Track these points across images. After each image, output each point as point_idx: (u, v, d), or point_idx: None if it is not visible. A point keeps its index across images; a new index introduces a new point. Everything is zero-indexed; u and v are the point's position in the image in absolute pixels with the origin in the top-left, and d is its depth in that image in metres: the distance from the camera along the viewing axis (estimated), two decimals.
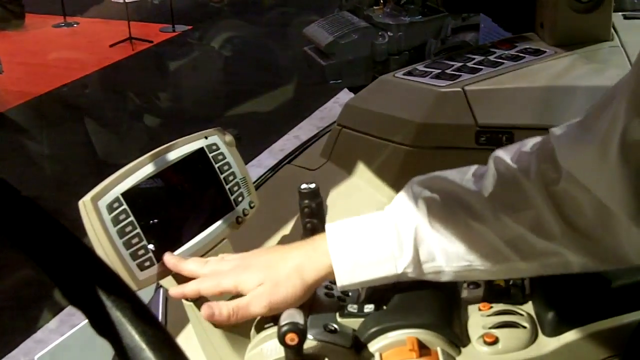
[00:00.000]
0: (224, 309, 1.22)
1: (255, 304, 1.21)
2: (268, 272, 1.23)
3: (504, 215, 1.17)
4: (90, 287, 0.66)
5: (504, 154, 1.23)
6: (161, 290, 1.64)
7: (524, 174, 1.18)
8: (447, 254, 1.21)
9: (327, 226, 1.27)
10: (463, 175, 1.25)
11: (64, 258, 0.66)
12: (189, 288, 1.26)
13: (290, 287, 1.22)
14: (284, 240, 1.66)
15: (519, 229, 1.17)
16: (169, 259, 1.28)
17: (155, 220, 1.29)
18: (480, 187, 1.21)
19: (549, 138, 1.18)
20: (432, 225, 1.20)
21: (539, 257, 1.18)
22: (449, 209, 1.21)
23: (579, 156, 1.09)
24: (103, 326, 0.65)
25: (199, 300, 1.37)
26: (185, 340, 1.53)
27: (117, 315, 0.65)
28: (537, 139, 1.23)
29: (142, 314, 0.66)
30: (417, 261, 1.21)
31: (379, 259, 1.21)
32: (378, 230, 1.23)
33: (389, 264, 1.21)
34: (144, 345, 0.64)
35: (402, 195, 1.26)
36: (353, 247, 1.23)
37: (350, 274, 1.22)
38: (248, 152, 5.32)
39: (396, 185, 1.95)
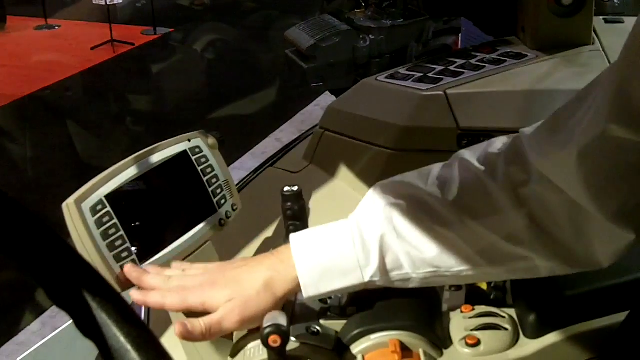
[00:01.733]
0: (196, 326, 1.17)
1: (227, 320, 1.18)
2: (237, 288, 1.20)
3: (470, 220, 1.16)
4: (75, 288, 0.66)
5: (470, 155, 1.21)
6: None
7: (490, 176, 1.16)
8: (413, 261, 1.18)
9: (291, 237, 1.24)
10: (426, 179, 1.23)
11: (48, 259, 0.66)
12: (152, 300, 1.23)
13: (262, 302, 1.19)
14: (267, 243, 1.67)
15: (485, 234, 1.15)
16: (130, 271, 1.25)
17: (139, 223, 1.30)
18: (444, 191, 1.19)
19: (519, 139, 1.17)
20: (397, 232, 1.18)
21: (506, 262, 1.17)
22: (414, 215, 1.19)
23: (552, 156, 1.08)
24: (88, 327, 0.65)
25: None
26: (168, 341, 1.52)
27: (102, 317, 0.65)
28: (504, 139, 1.22)
29: (127, 316, 0.66)
30: (383, 269, 1.19)
31: (345, 269, 1.19)
32: (343, 240, 1.20)
33: (356, 273, 1.19)
34: (129, 347, 0.64)
35: (367, 202, 1.25)
36: (318, 258, 1.20)
37: (317, 285, 1.20)
38: (231, 155, 5.31)
39: None
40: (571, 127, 1.05)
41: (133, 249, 1.27)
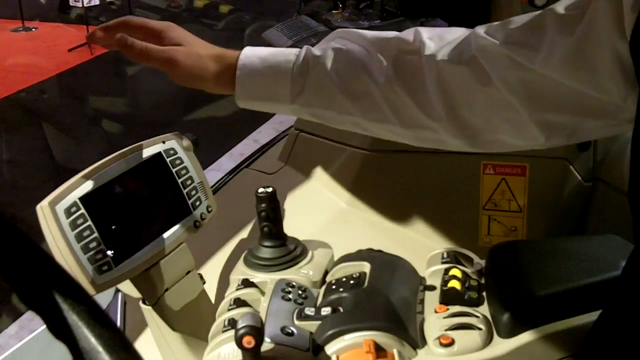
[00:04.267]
0: (136, 43, 1.24)
1: (169, 53, 1.25)
2: (192, 40, 1.29)
3: (396, 83, 1.20)
4: (47, 290, 0.66)
5: (425, 31, 1.24)
6: (119, 295, 1.64)
7: (426, 52, 1.20)
8: (339, 106, 1.26)
9: (245, 48, 1.31)
10: (388, 43, 1.27)
11: (20, 261, 0.66)
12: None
13: (205, 62, 1.27)
14: (242, 245, 1.67)
15: (405, 99, 1.20)
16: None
17: (114, 225, 1.29)
18: (385, 55, 1.24)
19: (473, 32, 1.20)
20: (330, 72, 1.25)
21: (416, 129, 1.23)
22: (352, 66, 1.24)
23: (492, 48, 1.13)
24: (59, 329, 0.65)
25: (156, 305, 1.37)
26: (144, 344, 1.53)
27: (74, 319, 0.65)
28: (464, 31, 1.23)
29: (98, 317, 0.66)
30: (308, 100, 1.27)
31: (278, 87, 1.27)
32: (286, 61, 1.27)
33: (285, 94, 1.27)
34: (100, 348, 0.64)
35: (323, 41, 1.31)
36: (259, 67, 1.27)
37: (250, 92, 1.28)
38: (208, 156, 5.29)
39: (354, 188, 1.96)
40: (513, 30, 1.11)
41: (108, 251, 1.26)
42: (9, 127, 7.73)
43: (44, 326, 0.66)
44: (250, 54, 1.29)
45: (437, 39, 1.21)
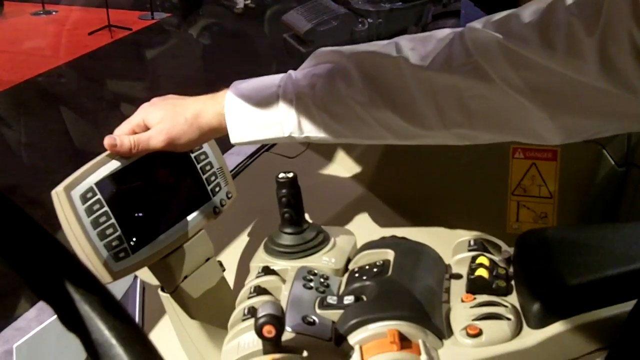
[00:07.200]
0: (125, 140, 1.26)
1: (154, 138, 1.27)
2: (169, 113, 1.29)
3: (380, 101, 1.19)
4: (58, 279, 0.63)
5: (406, 42, 1.20)
6: (138, 280, 1.62)
7: (414, 67, 1.17)
8: (328, 128, 1.26)
9: (233, 84, 1.33)
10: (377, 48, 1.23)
11: (30, 250, 0.64)
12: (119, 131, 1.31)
13: (188, 130, 1.28)
14: (262, 231, 1.64)
15: (391, 115, 1.19)
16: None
17: (131, 211, 1.26)
18: (366, 73, 1.22)
19: (462, 32, 1.15)
20: (314, 99, 1.24)
21: (412, 139, 1.23)
22: (334, 90, 1.23)
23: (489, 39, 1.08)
24: (71, 320, 0.62)
25: (175, 292, 1.35)
26: (163, 331, 1.51)
27: (86, 309, 0.62)
28: (448, 32, 1.19)
29: (112, 308, 0.63)
30: (301, 129, 1.27)
31: (268, 122, 1.27)
32: (270, 94, 1.27)
33: (277, 127, 1.27)
34: (114, 341, 0.61)
35: (305, 63, 1.31)
36: (247, 107, 1.28)
37: (243, 133, 1.29)
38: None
39: (377, 173, 1.93)
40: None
41: (125, 238, 1.24)
42: (29, 110, 7.75)
43: None
44: (235, 93, 1.31)
45: (420, 48, 1.17)
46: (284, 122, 1.26)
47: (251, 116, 1.27)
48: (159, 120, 1.28)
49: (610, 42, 0.94)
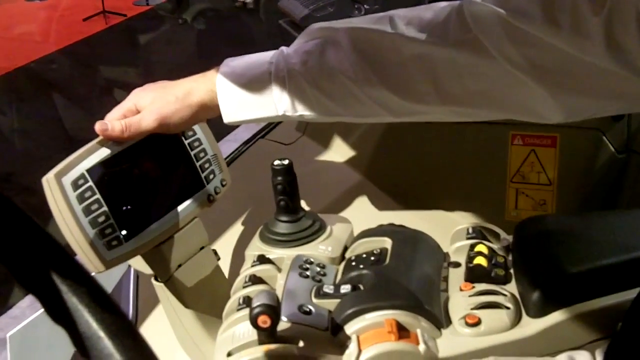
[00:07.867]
0: (116, 124, 1.24)
1: (145, 120, 1.25)
2: (160, 93, 1.28)
3: (374, 77, 1.17)
4: (44, 270, 0.61)
5: (401, 17, 1.19)
6: (131, 271, 1.60)
7: (409, 41, 1.15)
8: (321, 106, 1.25)
9: (225, 61, 1.32)
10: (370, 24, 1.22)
11: (14, 239, 0.62)
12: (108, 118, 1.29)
13: (179, 108, 1.26)
14: (257, 219, 1.63)
15: (386, 92, 1.17)
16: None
17: (123, 198, 1.25)
18: (360, 49, 1.20)
19: (461, 6, 1.12)
20: (305, 75, 1.23)
21: (408, 115, 1.22)
22: (327, 67, 1.22)
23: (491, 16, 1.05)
24: (58, 313, 0.61)
25: (169, 281, 1.33)
26: (156, 321, 1.50)
27: (73, 301, 0.60)
28: (444, 5, 1.17)
29: (100, 300, 0.62)
30: (295, 107, 1.26)
31: (261, 100, 1.26)
32: (262, 73, 1.26)
33: (270, 106, 1.26)
34: (101, 334, 0.60)
35: (297, 40, 1.30)
36: (239, 84, 1.27)
37: (235, 113, 1.28)
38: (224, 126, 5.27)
39: (374, 160, 1.92)
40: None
41: (117, 225, 1.22)
42: (23, 97, 7.74)
43: None
44: (226, 71, 1.29)
45: (416, 23, 1.15)
46: (277, 101, 1.25)
47: (243, 93, 1.27)
48: (150, 102, 1.26)
49: (617, 22, 0.92)
